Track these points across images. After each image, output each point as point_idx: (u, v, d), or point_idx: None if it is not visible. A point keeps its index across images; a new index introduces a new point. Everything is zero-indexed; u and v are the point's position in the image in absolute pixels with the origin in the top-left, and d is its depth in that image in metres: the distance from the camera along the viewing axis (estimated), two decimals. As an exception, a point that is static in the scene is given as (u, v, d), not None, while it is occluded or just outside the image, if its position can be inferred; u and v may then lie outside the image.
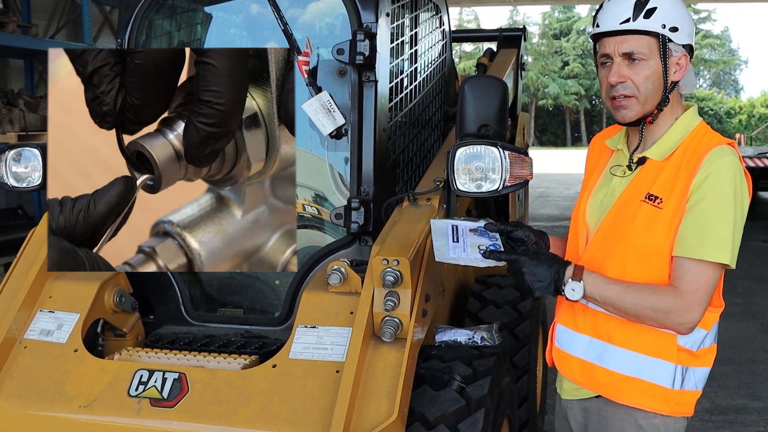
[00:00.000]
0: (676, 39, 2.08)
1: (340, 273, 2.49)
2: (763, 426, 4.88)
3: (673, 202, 2.06)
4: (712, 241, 2.00)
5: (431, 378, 2.52)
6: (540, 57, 56.65)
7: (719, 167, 2.03)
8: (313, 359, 2.40)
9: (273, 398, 2.34)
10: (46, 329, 2.72)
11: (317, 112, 2.73)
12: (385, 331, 2.34)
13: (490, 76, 2.85)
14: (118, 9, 3.24)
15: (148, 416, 2.41)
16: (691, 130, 2.14)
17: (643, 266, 2.09)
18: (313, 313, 2.50)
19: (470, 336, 2.77)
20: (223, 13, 3.29)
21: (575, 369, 2.24)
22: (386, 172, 2.94)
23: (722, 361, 6.15)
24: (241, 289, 3.08)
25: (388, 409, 2.21)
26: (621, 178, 2.20)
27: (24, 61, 10.10)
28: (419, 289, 2.44)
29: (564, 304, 2.29)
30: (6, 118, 8.02)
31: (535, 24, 59.55)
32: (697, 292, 2.00)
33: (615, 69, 2.10)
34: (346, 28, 2.82)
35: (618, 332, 2.14)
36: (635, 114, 2.12)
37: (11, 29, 8.43)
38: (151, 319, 3.10)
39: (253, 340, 2.80)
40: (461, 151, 2.46)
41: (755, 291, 8.72)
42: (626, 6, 2.07)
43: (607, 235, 2.18)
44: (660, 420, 2.14)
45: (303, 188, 3.03)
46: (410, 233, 2.54)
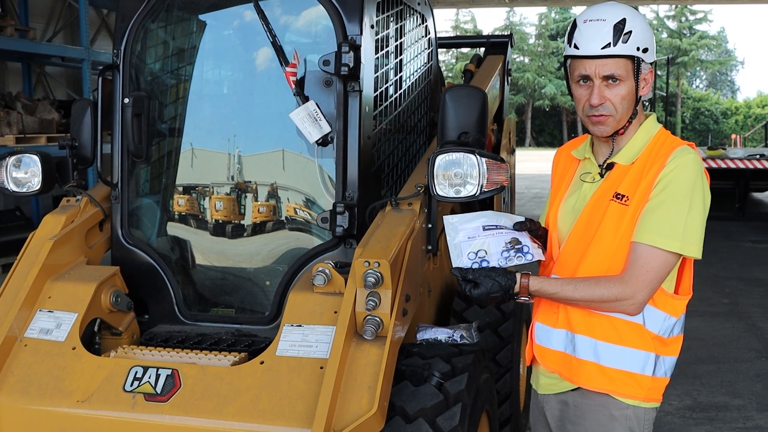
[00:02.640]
0: (646, 59, 2.25)
1: (324, 274, 2.62)
2: (743, 423, 5.01)
3: (638, 198, 2.22)
4: (665, 230, 2.16)
5: (411, 374, 2.65)
6: (536, 58, 56.78)
7: (681, 163, 2.20)
8: (299, 356, 2.52)
9: (260, 393, 2.47)
10: (46, 328, 2.83)
11: (304, 121, 2.85)
12: (366, 330, 2.46)
13: (471, 85, 2.98)
14: (114, 20, 3.35)
15: (142, 410, 2.53)
16: (654, 135, 2.32)
17: (616, 262, 2.24)
18: (299, 312, 2.62)
19: (450, 334, 2.90)
20: (217, 21, 3.40)
21: (556, 361, 2.38)
22: (371, 177, 3.07)
23: (706, 359, 6.31)
24: (232, 290, 3.21)
25: (369, 403, 2.34)
26: (591, 183, 2.34)
27: (22, 64, 10.22)
28: (399, 290, 2.56)
29: (543, 302, 2.43)
30: (4, 120, 8.12)
31: (531, 25, 59.67)
32: (646, 275, 2.17)
33: (596, 91, 2.24)
34: (332, 40, 2.94)
35: (592, 325, 2.28)
36: (611, 129, 2.29)
37: (9, 33, 8.54)
38: (147, 318, 3.22)
39: (243, 338, 2.92)
40: (441, 158, 2.60)
41: (742, 291, 8.85)
42: (605, 31, 2.20)
43: (580, 236, 2.32)
44: (632, 411, 2.29)
45: (294, 192, 3.16)
46: (391, 236, 2.66)
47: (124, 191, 3.24)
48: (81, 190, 3.30)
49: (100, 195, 3.35)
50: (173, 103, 3.36)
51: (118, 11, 3.28)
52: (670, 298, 2.29)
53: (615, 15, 2.21)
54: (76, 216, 3.22)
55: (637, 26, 2.21)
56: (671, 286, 2.30)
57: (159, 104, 3.30)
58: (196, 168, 3.29)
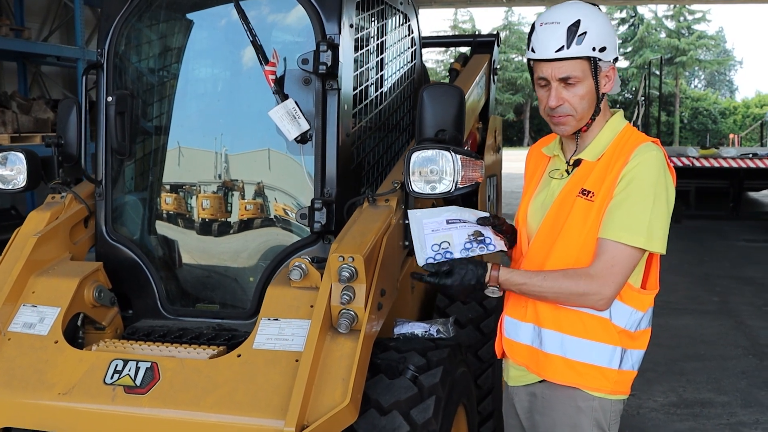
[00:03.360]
0: (604, 57, 2.28)
1: (300, 269, 2.66)
2: (726, 419, 5.06)
3: (603, 194, 2.27)
4: (630, 225, 2.21)
5: (387, 367, 2.69)
6: (535, 57, 56.52)
7: (645, 159, 2.25)
8: (275, 349, 2.56)
9: (237, 385, 2.51)
10: (29, 322, 2.88)
11: (283, 119, 2.90)
12: (341, 323, 2.51)
13: (448, 84, 3.03)
14: (98, 19, 3.40)
15: (121, 402, 2.57)
16: (619, 132, 2.37)
17: (582, 257, 2.28)
18: (276, 306, 2.67)
19: (426, 329, 2.95)
20: (201, 21, 3.45)
21: (524, 355, 2.43)
22: (350, 174, 3.11)
23: (693, 357, 6.36)
24: (215, 286, 3.25)
25: (342, 395, 2.38)
26: (559, 180, 2.39)
27: (17, 64, 10.25)
28: (374, 284, 2.61)
29: (511, 297, 2.48)
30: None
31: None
32: (612, 269, 2.21)
33: (554, 93, 2.29)
34: (312, 38, 2.99)
35: (560, 319, 2.33)
36: (573, 128, 2.34)
37: (4, 32, 8.57)
38: (130, 313, 3.27)
39: (223, 332, 2.97)
40: (416, 155, 2.65)
41: (733, 290, 8.90)
42: (559, 33, 2.25)
43: (548, 232, 2.37)
44: (598, 402, 2.34)
45: (276, 189, 3.21)
46: (367, 232, 2.70)
47: (108, 188, 3.29)
48: (66, 187, 3.35)
49: (86, 192, 3.39)
50: (157, 102, 3.40)
51: (102, 11, 3.32)
52: (636, 292, 2.34)
53: (570, 16, 2.25)
54: (61, 212, 3.27)
55: (593, 26, 2.24)
56: (638, 280, 2.35)
57: (143, 102, 3.35)
58: (180, 166, 3.34)
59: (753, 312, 7.86)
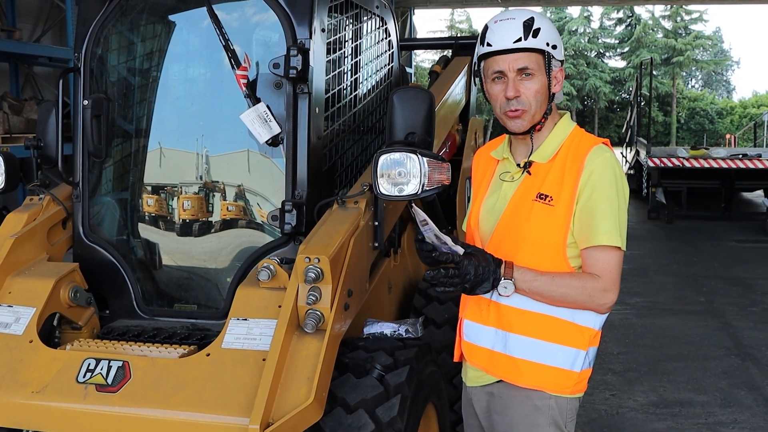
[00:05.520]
0: (556, 55, 2.39)
1: (269, 270, 2.71)
2: (705, 418, 5.11)
3: (564, 199, 2.32)
4: (605, 228, 2.28)
5: (354, 366, 2.75)
6: (533, 58, 56.55)
7: (600, 164, 2.32)
8: (243, 348, 2.61)
9: (206, 384, 2.56)
10: (4, 322, 2.92)
11: (254, 122, 2.95)
12: (307, 323, 2.55)
13: (418, 87, 3.07)
14: (75, 24, 3.44)
15: (93, 401, 2.62)
16: (569, 133, 2.44)
17: (537, 260, 2.33)
18: (245, 306, 2.72)
19: (395, 329, 2.99)
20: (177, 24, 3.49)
21: (483, 358, 2.47)
22: (323, 176, 3.16)
23: (676, 357, 6.41)
24: (191, 286, 3.30)
25: (307, 393, 2.43)
26: (510, 182, 2.44)
27: (9, 65, 10.29)
28: (341, 285, 2.65)
29: (470, 300, 2.52)
30: (-10, 120, 8.21)
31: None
32: (609, 274, 2.30)
33: (511, 84, 2.36)
34: (283, 43, 3.03)
35: (524, 323, 2.37)
36: (528, 124, 2.39)
37: (-4, 34, 8.64)
38: (108, 313, 3.32)
39: (196, 332, 3.02)
40: (384, 158, 2.70)
41: (719, 290, 8.95)
42: (515, 27, 2.36)
43: (503, 235, 2.42)
44: (554, 401, 2.39)
45: (249, 191, 3.25)
46: (335, 233, 2.75)
47: (85, 190, 3.33)
48: (44, 189, 3.40)
49: (63, 194, 3.44)
50: (133, 105, 3.44)
51: (78, 15, 3.37)
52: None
53: (524, 15, 2.39)
54: (39, 214, 3.32)
55: (545, 25, 2.38)
56: None
57: (118, 105, 3.39)
58: (157, 167, 3.38)
59: (738, 312, 7.91)
